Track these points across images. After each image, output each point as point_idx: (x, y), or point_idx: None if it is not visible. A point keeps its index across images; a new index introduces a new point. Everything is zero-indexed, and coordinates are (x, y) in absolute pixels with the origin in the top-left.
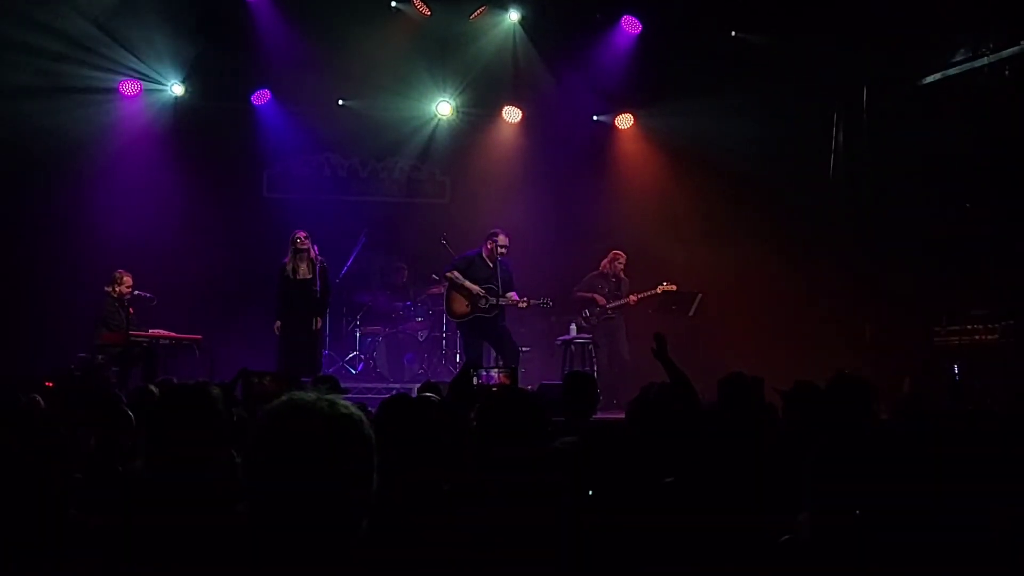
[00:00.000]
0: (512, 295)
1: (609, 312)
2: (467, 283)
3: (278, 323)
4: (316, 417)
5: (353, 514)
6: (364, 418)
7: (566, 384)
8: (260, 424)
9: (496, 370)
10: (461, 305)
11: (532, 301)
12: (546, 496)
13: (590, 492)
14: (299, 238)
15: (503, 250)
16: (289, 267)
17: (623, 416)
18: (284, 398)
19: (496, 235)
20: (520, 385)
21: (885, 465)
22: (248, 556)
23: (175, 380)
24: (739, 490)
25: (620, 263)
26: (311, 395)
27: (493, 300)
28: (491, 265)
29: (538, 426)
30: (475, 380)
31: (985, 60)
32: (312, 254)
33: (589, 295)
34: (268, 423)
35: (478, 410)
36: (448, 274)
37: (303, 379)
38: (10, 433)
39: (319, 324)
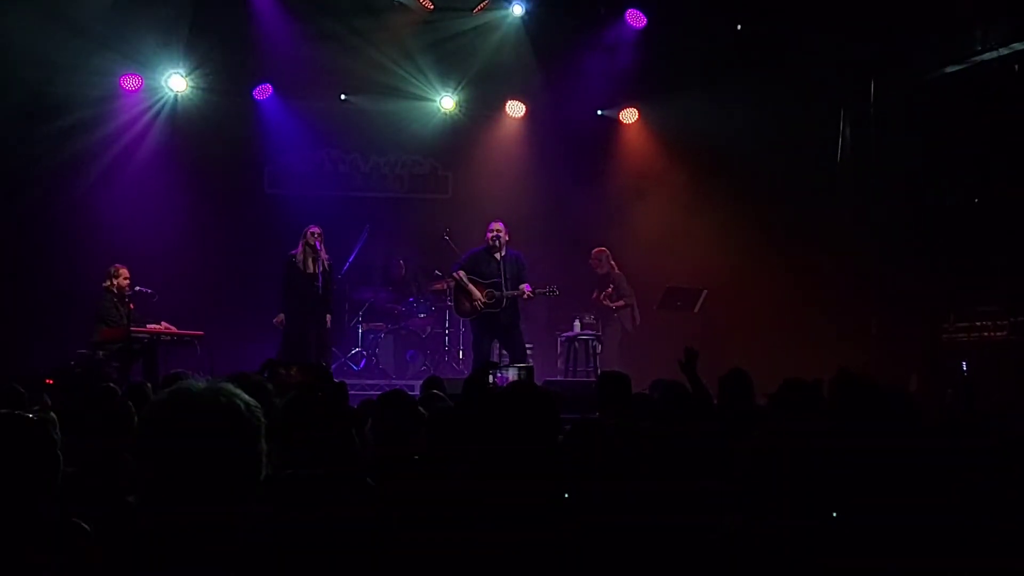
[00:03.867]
0: (525, 287)
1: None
2: (470, 286)
3: (280, 315)
4: (198, 405)
5: (238, 501)
6: (249, 405)
7: (600, 383)
8: (146, 416)
9: (513, 369)
10: (468, 304)
11: (537, 291)
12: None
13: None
14: (313, 233)
15: (492, 236)
16: (299, 259)
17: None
18: (170, 389)
19: (489, 225)
20: None
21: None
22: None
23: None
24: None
25: (598, 260)
26: (199, 383)
27: (498, 294)
28: (496, 259)
29: (548, 424)
30: (491, 379)
31: (995, 54)
32: (322, 254)
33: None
34: (153, 415)
35: (486, 406)
36: (455, 274)
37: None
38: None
39: (328, 322)
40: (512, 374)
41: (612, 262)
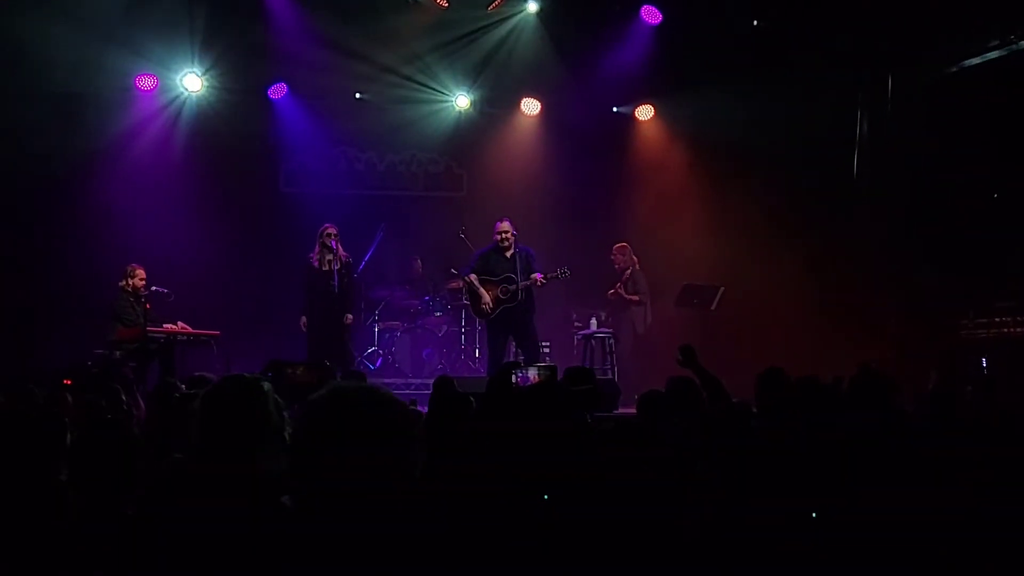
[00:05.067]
0: (536, 276)
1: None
2: (480, 289)
3: (304, 318)
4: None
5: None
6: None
7: (564, 379)
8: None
9: (535, 370)
10: (485, 304)
11: (549, 275)
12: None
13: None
14: (329, 233)
15: (501, 237)
16: (315, 260)
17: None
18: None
19: (495, 225)
20: None
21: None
22: (293, 549)
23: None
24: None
25: (617, 256)
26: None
27: (513, 287)
28: (507, 256)
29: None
30: (514, 379)
31: (1015, 47)
32: (339, 252)
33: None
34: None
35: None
36: (467, 278)
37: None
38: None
39: (350, 320)
40: (534, 374)
41: (634, 257)
